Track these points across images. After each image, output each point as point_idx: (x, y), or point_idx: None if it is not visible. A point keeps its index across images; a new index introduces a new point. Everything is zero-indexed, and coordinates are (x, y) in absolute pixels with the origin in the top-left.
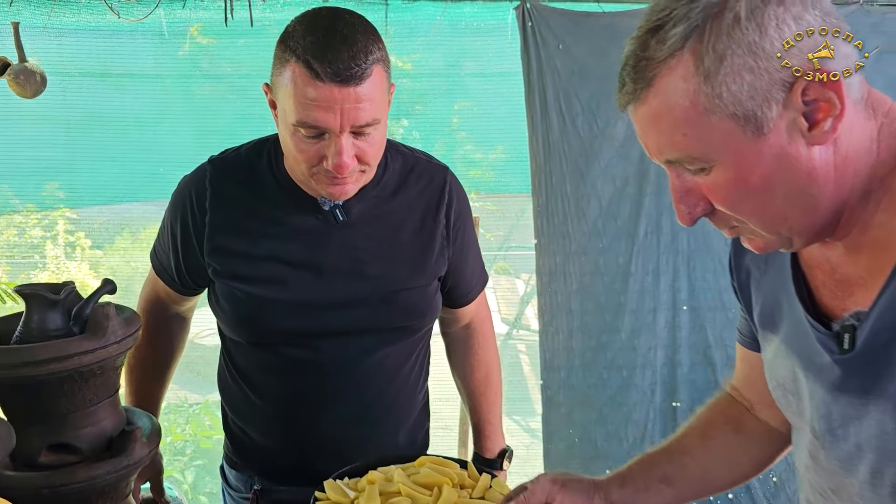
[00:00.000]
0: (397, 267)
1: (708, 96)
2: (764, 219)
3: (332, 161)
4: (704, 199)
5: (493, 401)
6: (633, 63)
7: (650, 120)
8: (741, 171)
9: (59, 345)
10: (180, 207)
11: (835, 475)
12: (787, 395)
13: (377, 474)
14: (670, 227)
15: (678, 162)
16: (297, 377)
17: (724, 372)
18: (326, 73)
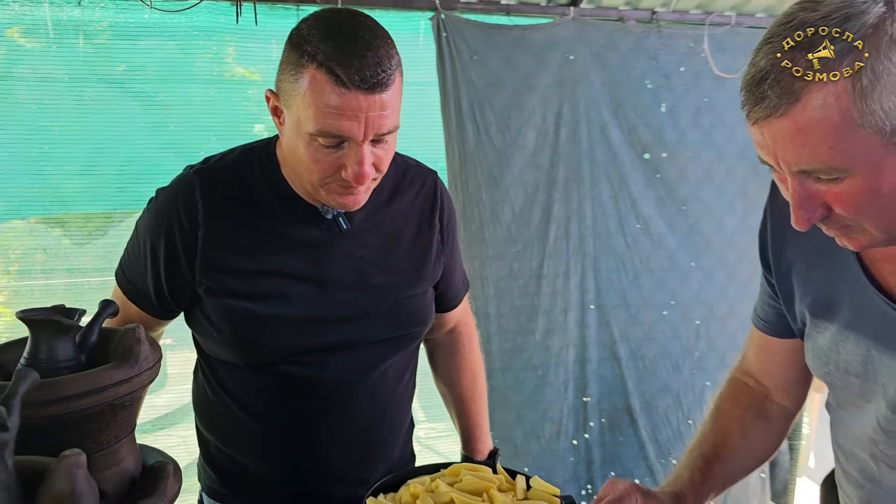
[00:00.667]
0: (398, 275)
1: (861, 112)
2: (883, 222)
3: (352, 171)
4: (825, 205)
5: (481, 404)
6: (776, 77)
7: (793, 133)
8: (875, 180)
9: (93, 375)
10: (164, 223)
11: None
12: (849, 377)
13: (418, 486)
14: (577, 230)
15: (814, 172)
16: (299, 398)
17: (628, 365)
18: (353, 80)
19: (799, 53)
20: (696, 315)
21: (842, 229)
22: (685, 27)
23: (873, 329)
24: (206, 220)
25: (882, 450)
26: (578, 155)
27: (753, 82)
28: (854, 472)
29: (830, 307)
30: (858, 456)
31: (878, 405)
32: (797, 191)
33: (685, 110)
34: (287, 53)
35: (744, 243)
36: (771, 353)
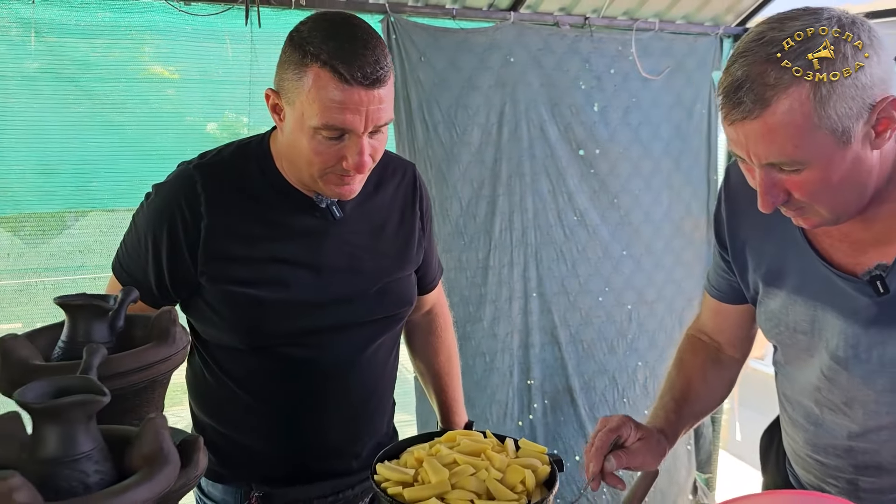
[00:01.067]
0: (386, 259)
1: (820, 117)
2: (833, 206)
3: (353, 160)
4: (786, 192)
5: (457, 379)
6: (750, 86)
7: (764, 133)
8: (828, 172)
9: (140, 353)
10: (167, 216)
11: (852, 389)
12: (797, 335)
13: (421, 451)
14: (520, 223)
15: (779, 164)
16: (298, 377)
17: (568, 348)
18: (355, 77)
19: (771, 66)
20: (627, 300)
21: (798, 211)
22: (614, 32)
23: (818, 292)
24: (208, 211)
25: (825, 395)
26: (520, 152)
27: (731, 89)
28: (799, 418)
29: (780, 276)
30: (804, 403)
31: (822, 357)
32: (764, 180)
33: (615, 109)
34: (288, 54)
35: (669, 232)
36: (724, 317)
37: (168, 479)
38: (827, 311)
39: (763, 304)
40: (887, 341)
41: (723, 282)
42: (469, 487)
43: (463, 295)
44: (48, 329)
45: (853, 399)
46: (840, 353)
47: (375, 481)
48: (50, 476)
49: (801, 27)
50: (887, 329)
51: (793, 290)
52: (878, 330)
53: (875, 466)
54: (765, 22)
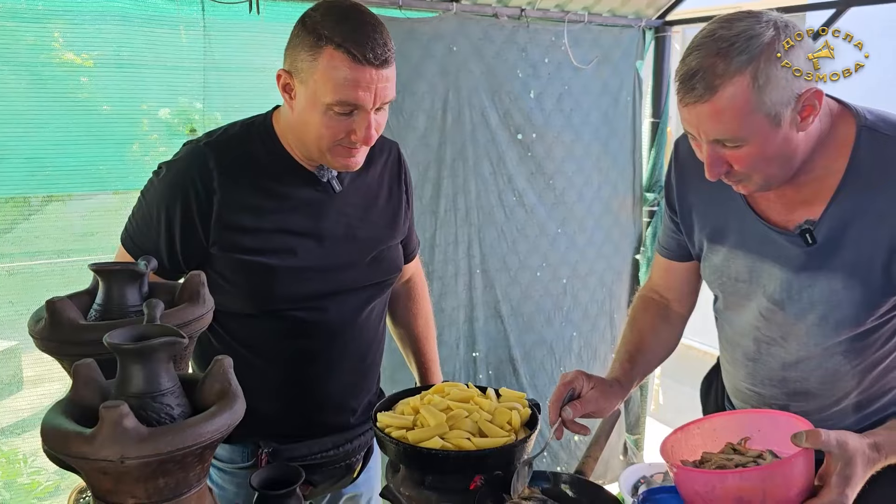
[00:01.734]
0: (379, 229)
1: (758, 102)
2: (766, 176)
3: (362, 133)
4: (728, 164)
5: (433, 342)
6: (702, 75)
7: (712, 114)
8: (762, 148)
9: (180, 312)
10: (180, 191)
11: (786, 325)
12: (737, 283)
13: (415, 401)
14: (464, 204)
15: (722, 141)
16: (303, 338)
17: (509, 321)
18: (367, 57)
19: (719, 59)
20: (563, 275)
21: (738, 180)
22: (548, 23)
23: (756, 246)
24: (220, 186)
25: (763, 333)
26: (463, 136)
27: (686, 77)
28: (739, 356)
29: (723, 234)
30: (742, 343)
31: (760, 301)
32: (710, 154)
33: (549, 96)
34: (302, 38)
35: (599, 211)
36: (673, 274)
37: (239, 411)
38: (764, 262)
39: (707, 259)
40: (815, 284)
41: (672, 242)
42: (464, 428)
43: None
44: (77, 295)
45: (788, 333)
46: (776, 296)
47: (378, 428)
48: (139, 409)
49: (746, 28)
50: (815, 273)
51: (734, 245)
52: (808, 274)
53: (804, 392)
54: (716, 21)
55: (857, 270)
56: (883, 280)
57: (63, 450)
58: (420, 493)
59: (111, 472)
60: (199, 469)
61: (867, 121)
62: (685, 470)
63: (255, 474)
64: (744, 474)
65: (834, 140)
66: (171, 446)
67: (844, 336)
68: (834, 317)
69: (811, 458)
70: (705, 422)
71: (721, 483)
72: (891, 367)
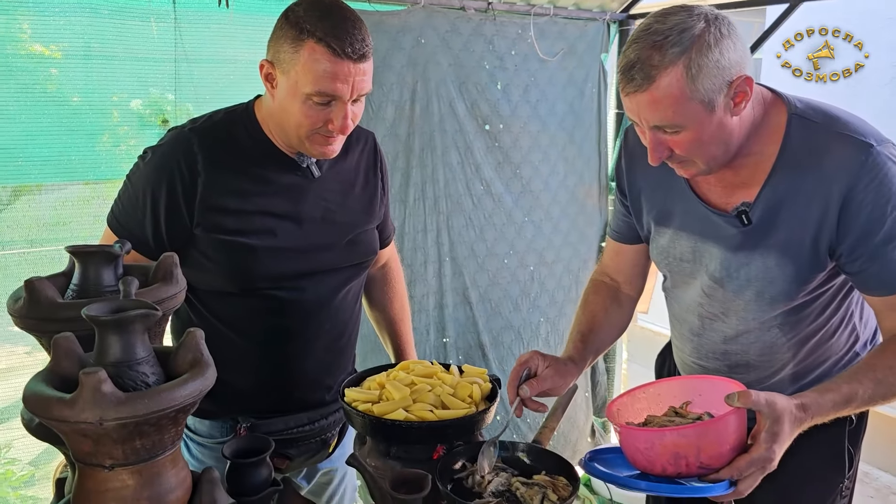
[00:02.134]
0: (355, 214)
1: (691, 90)
2: (706, 159)
3: (338, 123)
4: (669, 149)
5: (408, 324)
6: (640, 66)
7: (651, 102)
8: (699, 132)
9: (154, 291)
10: (166, 174)
11: (726, 301)
12: (682, 263)
13: (382, 377)
14: (432, 193)
15: (662, 127)
16: (282, 317)
17: (478, 307)
18: (346, 51)
19: (654, 51)
20: (530, 262)
21: (680, 164)
22: (514, 16)
23: (698, 227)
24: (205, 169)
25: (706, 309)
26: (431, 127)
27: (626, 68)
28: (686, 332)
29: (668, 216)
30: (688, 319)
31: (703, 279)
32: (652, 139)
33: (516, 88)
34: (285, 30)
35: (565, 200)
36: (623, 256)
37: (210, 379)
38: (706, 242)
39: (655, 241)
40: (751, 262)
41: (623, 225)
42: (427, 401)
43: None
44: (54, 277)
45: (728, 309)
46: (717, 274)
47: (346, 402)
48: (116, 377)
49: (678, 21)
50: (751, 252)
51: (678, 227)
52: (745, 253)
53: (744, 364)
54: (652, 16)
55: (789, 248)
56: (811, 257)
57: (45, 414)
58: (385, 462)
59: (90, 434)
60: (173, 432)
61: (797, 108)
62: (627, 429)
63: (227, 445)
64: (680, 431)
65: (767, 126)
66: (146, 409)
67: (779, 310)
68: (769, 292)
69: (743, 418)
70: (650, 387)
71: (660, 440)
72: (823, 339)
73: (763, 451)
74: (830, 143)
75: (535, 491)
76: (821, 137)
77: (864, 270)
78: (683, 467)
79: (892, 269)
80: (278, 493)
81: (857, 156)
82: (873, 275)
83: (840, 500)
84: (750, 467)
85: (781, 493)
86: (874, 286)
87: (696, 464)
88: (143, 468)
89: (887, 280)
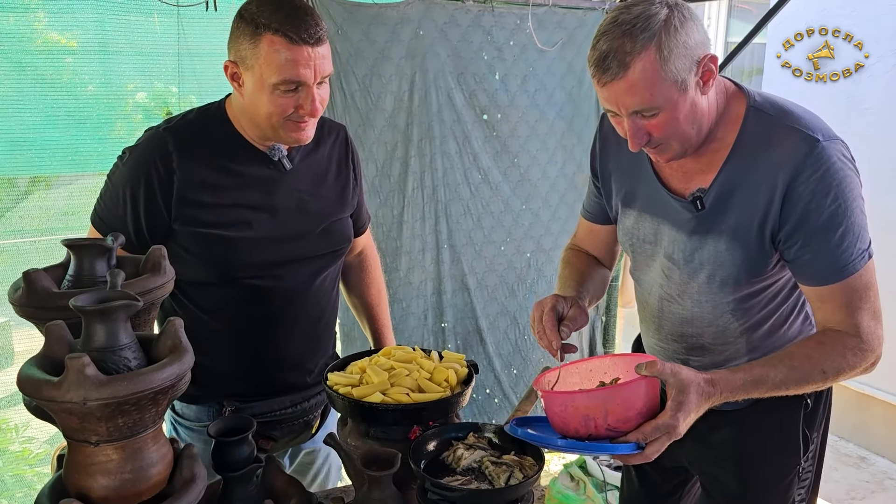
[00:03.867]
0: (328, 203)
1: (665, 71)
2: (681, 139)
3: (308, 107)
4: (647, 134)
5: (385, 309)
6: (614, 56)
7: (628, 88)
8: (674, 113)
9: (142, 281)
10: (143, 172)
11: (682, 283)
12: (644, 244)
13: (364, 362)
14: (431, 181)
15: (640, 111)
16: (261, 304)
17: (477, 294)
18: (302, 38)
19: (626, 38)
20: (527, 249)
21: (657, 148)
22: (513, 7)
23: (659, 210)
24: (180, 166)
25: (665, 290)
26: (429, 117)
27: (600, 59)
28: (648, 315)
29: (633, 198)
30: (650, 302)
31: (662, 260)
32: (631, 126)
33: (514, 78)
34: (242, 29)
35: (563, 187)
36: (595, 235)
37: (188, 364)
38: (665, 225)
39: (621, 222)
40: (703, 246)
41: (595, 206)
42: (405, 385)
43: (380, 248)
44: (53, 268)
45: (683, 292)
46: (674, 256)
47: (328, 385)
48: (101, 361)
49: (642, 10)
50: (704, 236)
51: (641, 209)
52: (698, 237)
53: (700, 347)
54: (615, 9)
55: (738, 233)
56: (758, 243)
57: (35, 394)
58: (365, 442)
59: (76, 412)
60: (154, 412)
61: (756, 101)
62: (546, 393)
63: (213, 424)
64: (589, 394)
65: (728, 116)
66: (126, 391)
67: (729, 295)
68: (719, 275)
69: (652, 387)
70: (583, 363)
71: (571, 402)
72: (775, 326)
73: (667, 419)
74: (781, 135)
75: (503, 469)
76: (773, 129)
77: (797, 259)
78: (593, 429)
79: (822, 260)
80: (262, 469)
81: (802, 148)
82: (806, 264)
83: (800, 483)
84: (655, 432)
85: (739, 473)
86: (806, 276)
87: (605, 426)
88: (126, 444)
89: (817, 271)
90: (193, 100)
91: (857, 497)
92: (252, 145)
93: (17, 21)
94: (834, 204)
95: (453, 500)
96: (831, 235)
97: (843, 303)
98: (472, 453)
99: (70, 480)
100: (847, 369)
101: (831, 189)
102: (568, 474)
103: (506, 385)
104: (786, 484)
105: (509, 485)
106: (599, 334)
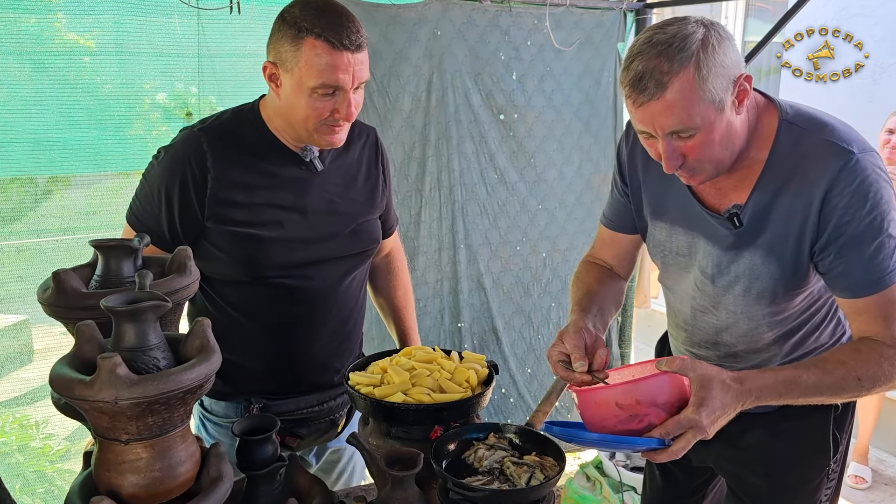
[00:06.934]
0: (357, 205)
1: (703, 90)
2: (716, 162)
3: (343, 112)
4: (682, 156)
5: (412, 311)
6: (650, 75)
7: (665, 109)
8: (711, 134)
9: (169, 281)
10: (178, 172)
11: (716, 296)
12: (678, 257)
13: (385, 362)
14: (448, 182)
15: (677, 132)
16: (291, 303)
17: (493, 293)
18: (343, 44)
19: (663, 59)
20: (542, 249)
21: (690, 171)
22: (530, 7)
23: (693, 225)
24: (214, 165)
25: (698, 301)
26: (446, 117)
27: (635, 80)
28: (679, 321)
29: (666, 212)
30: (682, 310)
31: (695, 273)
32: (666, 148)
33: (531, 78)
34: (283, 31)
35: (580, 188)
36: (617, 244)
37: (216, 364)
38: (699, 239)
39: (652, 235)
40: (739, 259)
41: (619, 214)
42: (426, 385)
43: None
44: (80, 268)
45: (718, 303)
46: (708, 271)
47: (350, 385)
48: (131, 361)
49: (677, 30)
50: (740, 252)
51: (674, 222)
52: (734, 253)
53: (733, 355)
54: (649, 29)
55: (774, 248)
56: (794, 256)
57: (68, 393)
58: (386, 442)
59: (107, 411)
60: (182, 411)
61: (788, 115)
62: (580, 391)
63: (237, 423)
64: (612, 389)
65: (760, 132)
66: (156, 390)
67: (764, 306)
68: (755, 288)
69: (676, 382)
70: (624, 369)
71: (594, 398)
72: (808, 333)
73: (690, 414)
74: (815, 149)
75: (524, 470)
76: (807, 143)
77: (831, 270)
78: (627, 423)
79: (856, 273)
80: (285, 468)
81: (837, 161)
82: (839, 276)
83: (827, 483)
84: (678, 428)
85: (770, 476)
86: (840, 288)
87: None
88: (155, 442)
89: (850, 283)
90: (213, 100)
91: (875, 500)
92: (285, 146)
93: (38, 22)
94: (869, 216)
95: (475, 500)
96: (866, 248)
97: (879, 314)
98: (492, 453)
99: (100, 478)
100: (883, 379)
101: (867, 201)
102: (584, 475)
103: (521, 385)
104: (815, 486)
105: (530, 485)
106: (615, 335)
